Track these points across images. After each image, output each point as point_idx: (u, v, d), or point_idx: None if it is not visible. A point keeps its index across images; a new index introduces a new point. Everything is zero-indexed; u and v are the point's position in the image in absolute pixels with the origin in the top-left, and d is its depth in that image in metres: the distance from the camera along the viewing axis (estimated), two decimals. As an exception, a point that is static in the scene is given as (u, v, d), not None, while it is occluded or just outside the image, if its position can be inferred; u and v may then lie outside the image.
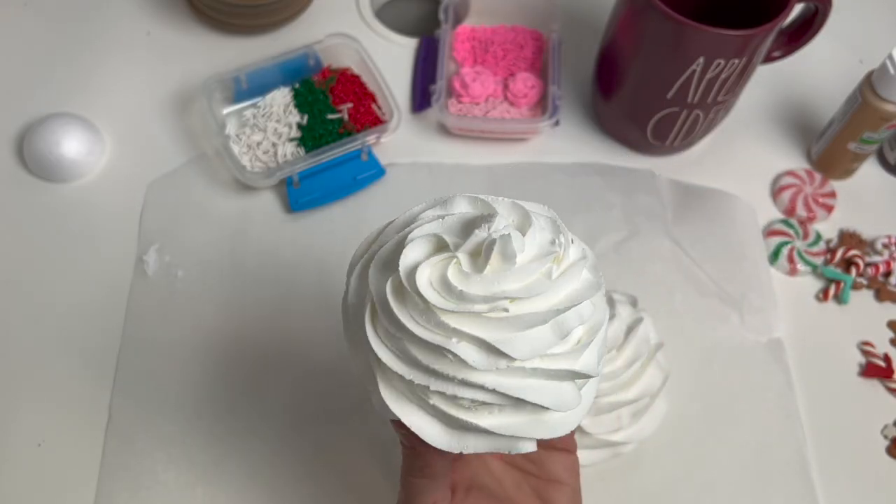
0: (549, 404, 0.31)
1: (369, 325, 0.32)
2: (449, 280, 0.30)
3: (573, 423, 0.32)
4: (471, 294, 0.30)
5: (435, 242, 0.32)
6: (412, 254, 0.31)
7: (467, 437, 0.32)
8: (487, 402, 0.31)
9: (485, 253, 0.30)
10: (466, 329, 0.30)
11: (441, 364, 0.30)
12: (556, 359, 0.31)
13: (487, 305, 0.30)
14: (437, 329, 0.30)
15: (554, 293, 0.31)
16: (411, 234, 0.32)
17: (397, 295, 0.31)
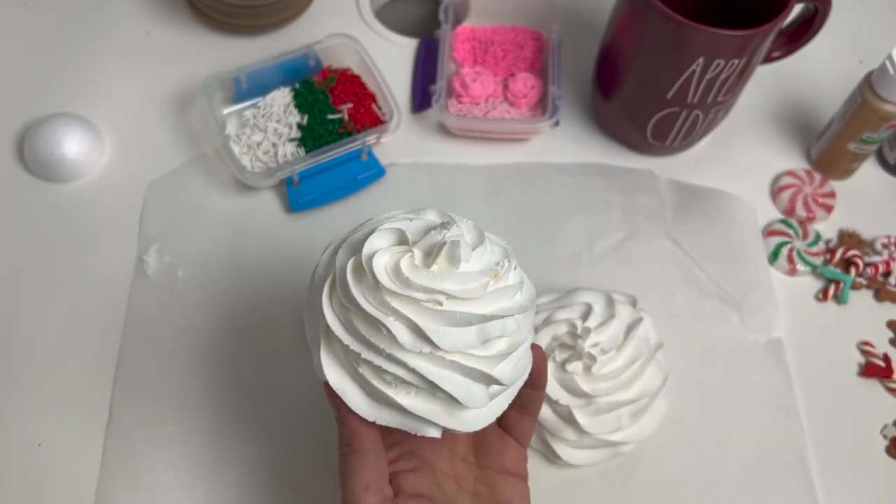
0: (458, 397, 0.36)
1: (326, 295, 0.37)
2: (400, 268, 0.36)
3: (479, 424, 0.37)
4: (415, 283, 0.35)
5: (398, 235, 0.37)
6: (376, 241, 0.37)
7: (383, 409, 0.37)
8: (407, 382, 0.36)
9: (435, 252, 0.36)
10: (403, 311, 0.35)
11: (376, 337, 0.35)
12: (476, 360, 0.36)
13: (426, 296, 0.35)
14: (380, 306, 0.35)
15: (485, 302, 0.36)
16: (380, 225, 0.38)
17: (355, 273, 0.36)
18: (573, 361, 0.47)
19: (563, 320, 0.50)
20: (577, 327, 0.49)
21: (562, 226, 0.59)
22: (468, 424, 0.37)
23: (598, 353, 0.47)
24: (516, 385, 0.39)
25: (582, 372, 0.47)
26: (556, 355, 0.48)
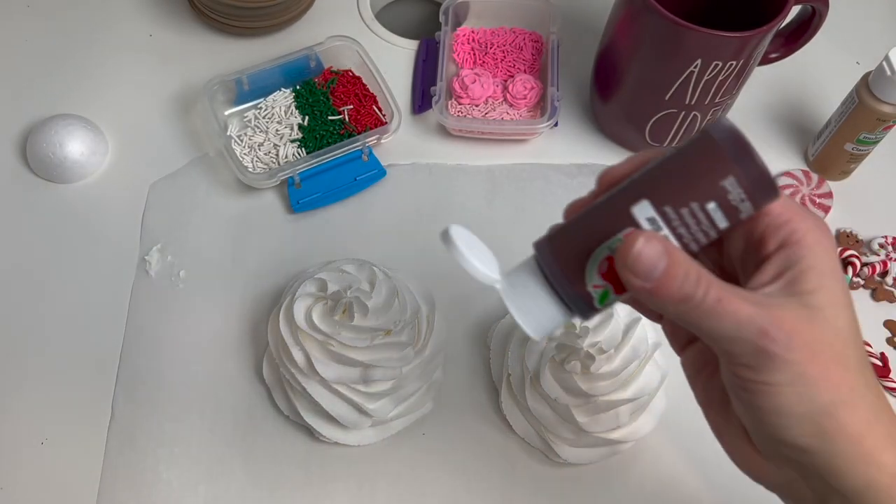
0: (338, 418, 0.47)
1: (275, 313, 0.51)
2: (312, 312, 0.48)
3: (364, 441, 0.49)
4: (318, 326, 0.47)
5: (320, 285, 0.49)
6: (303, 288, 0.49)
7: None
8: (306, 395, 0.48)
9: (339, 306, 0.48)
10: (306, 345, 0.48)
11: (290, 360, 0.48)
12: (357, 393, 0.48)
13: (323, 337, 0.47)
14: (292, 336, 0.48)
15: (369, 352, 0.47)
16: (315, 274, 0.51)
17: (287, 308, 0.49)
18: (571, 361, 0.48)
19: (562, 320, 0.50)
20: (576, 326, 0.49)
21: None
22: (351, 440, 0.49)
23: (596, 352, 0.48)
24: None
25: (580, 371, 0.48)
26: (555, 354, 0.49)
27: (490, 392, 0.52)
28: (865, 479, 0.30)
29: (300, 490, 0.48)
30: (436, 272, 0.56)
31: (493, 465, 0.49)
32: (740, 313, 0.29)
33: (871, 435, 0.30)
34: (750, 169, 0.29)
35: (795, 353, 0.29)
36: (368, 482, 0.49)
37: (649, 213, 0.30)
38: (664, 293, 0.29)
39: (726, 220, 0.30)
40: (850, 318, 0.31)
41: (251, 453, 0.49)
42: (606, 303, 0.31)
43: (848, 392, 0.29)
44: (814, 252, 0.31)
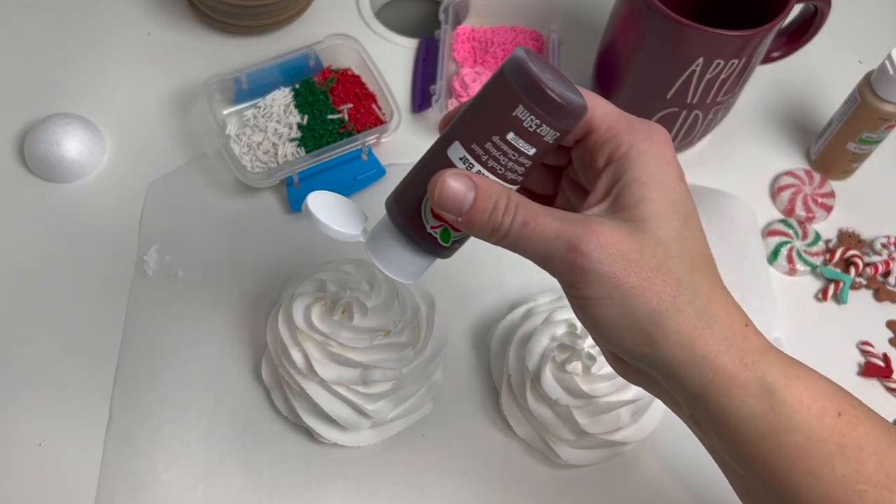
0: (337, 419, 0.47)
1: (274, 312, 0.50)
2: (311, 312, 0.47)
3: (362, 442, 0.49)
4: (317, 326, 0.47)
5: (319, 284, 0.49)
6: (302, 287, 0.49)
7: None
8: (305, 396, 0.47)
9: (339, 306, 0.47)
10: (305, 346, 0.47)
11: (289, 360, 0.47)
12: (356, 394, 0.47)
13: (322, 338, 0.47)
14: (291, 337, 0.47)
15: (368, 353, 0.47)
16: (315, 274, 0.50)
17: (286, 308, 0.48)
18: (572, 361, 0.48)
19: (563, 320, 0.50)
20: (577, 327, 0.49)
21: None
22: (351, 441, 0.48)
23: (597, 353, 0.47)
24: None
25: (581, 372, 0.47)
26: (556, 355, 0.48)
27: (490, 393, 0.52)
28: (702, 381, 0.31)
29: (299, 492, 0.48)
30: (436, 272, 0.55)
31: (493, 466, 0.49)
32: (547, 232, 0.31)
33: (701, 339, 0.30)
34: (536, 95, 0.30)
35: (608, 266, 0.30)
36: (368, 484, 0.48)
37: (461, 153, 0.32)
38: (475, 223, 0.31)
39: (532, 147, 0.31)
40: (679, 227, 0.31)
41: (250, 455, 0.49)
42: (451, 240, 0.34)
43: (670, 300, 0.30)
44: (638, 163, 0.32)
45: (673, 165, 0.32)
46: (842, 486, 0.30)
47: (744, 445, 0.32)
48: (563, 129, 0.32)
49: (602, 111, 0.34)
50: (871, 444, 0.31)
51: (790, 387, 0.31)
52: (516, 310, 0.53)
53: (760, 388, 0.31)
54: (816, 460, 0.31)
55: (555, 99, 0.30)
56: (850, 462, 0.31)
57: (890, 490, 0.30)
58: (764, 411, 0.31)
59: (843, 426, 0.31)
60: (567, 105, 0.31)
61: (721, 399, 0.31)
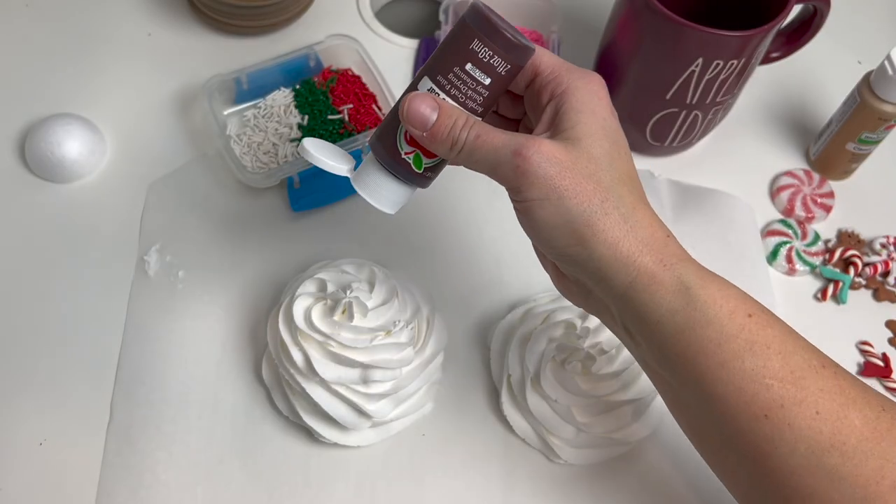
0: (337, 419, 0.47)
1: (275, 312, 0.50)
2: (311, 312, 0.48)
3: (363, 442, 0.49)
4: (317, 326, 0.47)
5: (319, 285, 0.49)
6: (303, 287, 0.49)
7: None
8: (305, 396, 0.47)
9: (339, 306, 0.47)
10: (305, 345, 0.47)
11: (289, 360, 0.48)
12: (357, 394, 0.47)
13: (323, 338, 0.47)
14: (291, 337, 0.48)
15: (369, 353, 0.47)
16: (315, 274, 0.50)
17: (287, 308, 0.49)
18: (572, 361, 0.48)
19: (563, 321, 0.50)
20: (577, 327, 0.49)
21: None
22: (351, 441, 0.48)
23: (597, 352, 0.48)
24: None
25: (581, 372, 0.48)
26: (556, 355, 0.48)
27: (490, 393, 0.52)
28: (627, 279, 0.35)
29: (299, 491, 0.48)
30: (436, 272, 0.56)
31: (493, 465, 0.49)
32: (496, 142, 0.36)
33: (625, 240, 0.35)
34: (488, 31, 0.36)
35: (546, 168, 0.35)
36: (368, 483, 0.48)
37: (428, 85, 0.37)
38: (437, 137, 0.37)
39: (487, 76, 0.37)
40: (608, 147, 0.36)
41: (250, 454, 0.49)
42: (423, 166, 0.39)
43: (599, 203, 0.35)
44: (575, 96, 0.37)
45: (605, 101, 0.38)
46: (750, 378, 0.34)
47: (665, 343, 0.35)
48: (513, 62, 0.37)
49: (547, 58, 0.39)
50: (778, 344, 0.34)
51: (705, 286, 0.35)
52: (516, 310, 0.53)
53: (678, 285, 0.34)
54: (728, 354, 0.34)
55: (503, 33, 0.36)
56: (758, 357, 0.34)
57: (794, 385, 0.34)
58: (681, 307, 0.34)
59: (752, 325, 0.34)
60: (513, 39, 0.36)
61: (643, 296, 0.35)
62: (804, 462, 0.33)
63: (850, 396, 0.34)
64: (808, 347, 0.35)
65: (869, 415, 0.34)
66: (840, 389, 0.34)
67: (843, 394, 0.34)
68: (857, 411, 0.33)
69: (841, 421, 0.33)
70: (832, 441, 0.33)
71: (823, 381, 0.34)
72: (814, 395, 0.33)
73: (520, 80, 0.39)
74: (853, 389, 0.34)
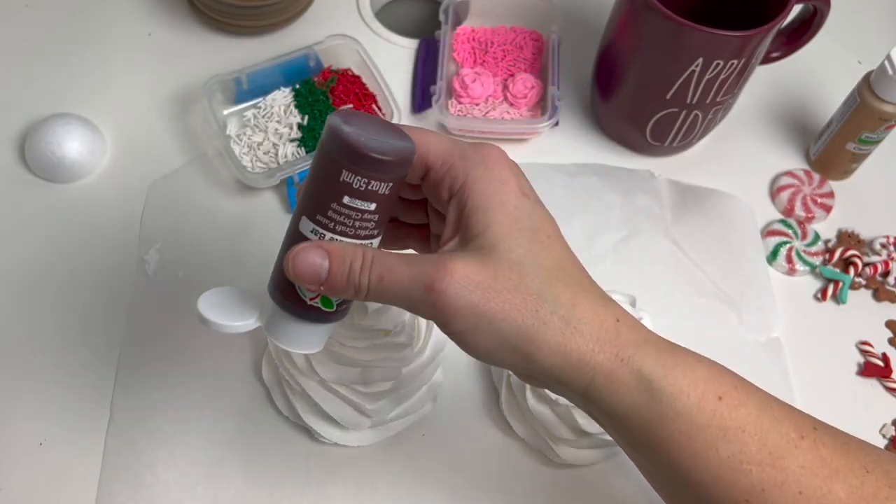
0: (337, 418, 0.47)
1: None
2: None
3: (363, 441, 0.48)
4: None
5: None
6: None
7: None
8: (305, 396, 0.47)
9: None
10: None
11: (289, 360, 0.47)
12: (357, 394, 0.47)
13: None
14: None
15: (368, 353, 0.46)
16: None
17: None
18: (572, 361, 0.48)
19: (563, 320, 0.50)
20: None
21: (561, 226, 0.57)
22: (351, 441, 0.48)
23: (597, 352, 0.47)
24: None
25: (581, 371, 0.47)
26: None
27: (490, 393, 0.52)
28: (584, 382, 0.32)
29: (299, 491, 0.48)
30: (436, 272, 0.56)
31: (493, 466, 0.49)
32: (403, 280, 0.32)
33: (573, 344, 0.32)
34: (353, 158, 0.31)
35: (466, 298, 0.31)
36: (368, 483, 0.48)
37: (310, 227, 0.33)
38: (337, 287, 0.33)
39: (371, 202, 0.32)
40: (527, 244, 0.32)
41: (250, 454, 0.49)
42: (335, 304, 0.35)
43: (534, 314, 0.32)
44: (476, 190, 0.33)
45: (510, 184, 0.33)
46: (727, 466, 0.32)
47: (633, 434, 0.33)
48: (393, 178, 0.32)
49: (435, 147, 0.34)
50: (753, 425, 0.32)
51: (668, 376, 0.32)
52: (516, 310, 0.53)
53: (638, 381, 0.32)
54: (701, 444, 0.32)
55: (371, 157, 0.31)
56: (733, 443, 0.32)
57: (773, 467, 0.32)
58: (645, 402, 0.32)
59: (723, 409, 0.32)
60: (385, 157, 0.32)
61: (604, 395, 0.32)
62: None
63: (833, 467, 0.32)
64: (784, 417, 0.33)
65: (853, 482, 0.32)
66: (822, 461, 0.32)
67: (825, 466, 0.32)
68: (840, 482, 0.32)
69: (825, 497, 0.32)
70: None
71: (803, 455, 0.32)
72: (795, 475, 0.32)
73: (411, 178, 0.35)
74: (835, 457, 0.33)
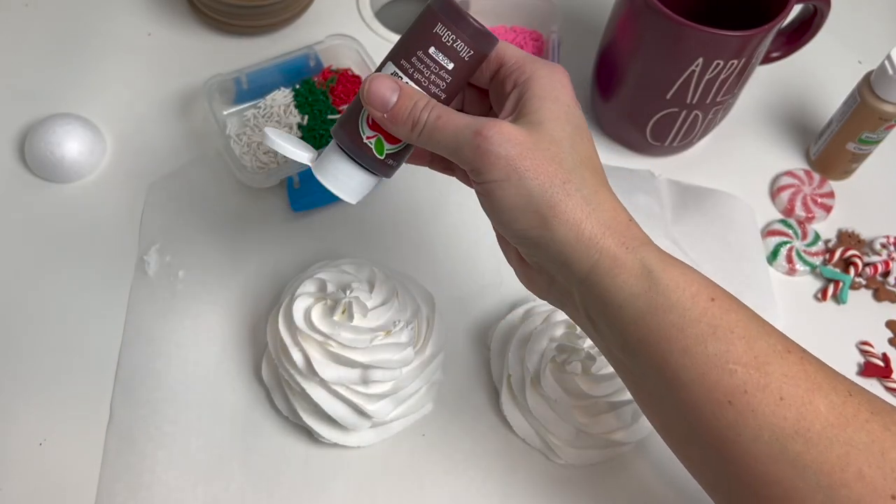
0: (337, 419, 0.47)
1: (275, 312, 0.50)
2: (311, 312, 0.47)
3: (362, 442, 0.48)
4: (317, 327, 0.47)
5: (319, 285, 0.49)
6: (303, 287, 0.49)
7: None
8: (305, 396, 0.47)
9: (339, 306, 0.47)
10: (305, 346, 0.47)
11: (289, 361, 0.48)
12: (357, 394, 0.47)
13: (322, 338, 0.47)
14: (291, 337, 0.47)
15: (369, 353, 0.47)
16: (315, 274, 0.50)
17: (287, 308, 0.48)
18: (572, 362, 0.48)
19: (563, 321, 0.50)
20: (577, 328, 0.49)
21: None
22: (351, 441, 0.48)
23: (597, 353, 0.48)
24: None
25: (581, 372, 0.47)
26: (556, 356, 0.48)
27: (490, 393, 0.52)
28: (590, 262, 0.34)
29: (299, 492, 0.48)
30: (436, 272, 0.56)
31: (493, 466, 0.49)
32: (458, 122, 0.35)
33: (588, 222, 0.34)
34: (453, 16, 0.36)
35: (507, 149, 0.34)
36: (368, 484, 0.48)
37: (391, 70, 0.37)
38: (398, 119, 0.36)
39: (450, 61, 0.36)
40: (571, 131, 0.36)
41: (250, 455, 0.49)
42: (385, 152, 0.38)
43: (561, 185, 0.34)
44: (539, 83, 0.36)
45: (568, 89, 0.37)
46: (714, 363, 0.33)
47: (627, 328, 0.34)
48: (476, 48, 0.36)
49: (511, 50, 0.38)
50: (742, 329, 0.33)
51: (667, 270, 0.34)
52: (516, 310, 0.53)
53: (640, 268, 0.34)
54: (690, 339, 0.33)
55: (467, 19, 0.36)
56: (721, 342, 0.33)
57: (758, 370, 0.33)
58: (643, 290, 0.34)
59: (715, 309, 0.34)
60: (477, 26, 0.36)
61: (605, 280, 0.34)
62: (768, 449, 0.32)
63: (816, 381, 0.33)
64: (773, 332, 0.34)
65: (835, 400, 0.33)
66: (805, 374, 0.33)
67: (808, 379, 0.33)
68: (822, 397, 0.33)
69: (805, 406, 0.32)
70: (796, 427, 0.32)
71: (788, 366, 0.33)
72: (778, 381, 0.32)
73: (484, 72, 0.39)
74: (819, 374, 0.33)
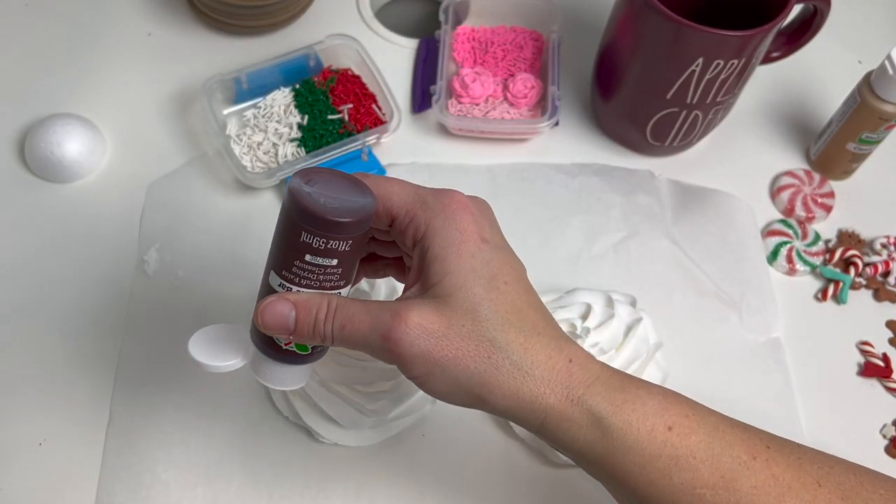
0: (336, 417, 0.47)
1: None
2: None
3: (364, 441, 0.49)
4: None
5: None
6: None
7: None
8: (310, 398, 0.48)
9: None
10: None
11: None
12: (357, 394, 0.47)
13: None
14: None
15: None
16: None
17: None
18: (572, 361, 0.47)
19: (563, 320, 0.50)
20: (577, 327, 0.49)
21: (561, 226, 0.59)
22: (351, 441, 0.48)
23: (597, 352, 0.48)
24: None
25: (581, 371, 0.47)
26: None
27: (490, 393, 0.52)
28: (537, 422, 0.34)
29: (299, 491, 0.48)
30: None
31: (492, 466, 0.49)
32: (363, 329, 0.34)
33: (525, 387, 0.34)
34: (311, 220, 0.33)
35: (420, 346, 0.33)
36: (368, 483, 0.48)
37: (277, 281, 0.35)
38: (303, 336, 0.35)
39: (331, 258, 0.34)
40: (483, 291, 0.34)
41: (250, 455, 0.49)
42: (310, 347, 0.37)
43: (487, 360, 0.33)
44: (436, 241, 0.35)
45: (468, 232, 0.35)
46: (682, 492, 0.34)
47: (590, 467, 0.35)
48: (351, 237, 0.34)
49: (398, 197, 0.36)
50: (704, 451, 0.34)
51: (617, 413, 0.34)
52: (516, 310, 0.53)
53: (589, 419, 0.34)
54: (655, 474, 0.34)
55: (328, 219, 0.33)
56: (685, 471, 0.33)
57: (726, 490, 0.33)
58: (597, 439, 0.34)
59: (674, 439, 0.34)
60: (342, 219, 0.33)
61: (558, 434, 0.34)
62: None
63: (785, 484, 0.33)
64: (735, 440, 0.34)
65: (806, 497, 0.33)
66: (774, 480, 0.33)
67: (777, 484, 0.33)
68: (793, 497, 0.33)
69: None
70: None
71: (755, 476, 0.33)
72: (748, 496, 0.33)
73: (378, 226, 0.37)
74: (787, 474, 0.34)
